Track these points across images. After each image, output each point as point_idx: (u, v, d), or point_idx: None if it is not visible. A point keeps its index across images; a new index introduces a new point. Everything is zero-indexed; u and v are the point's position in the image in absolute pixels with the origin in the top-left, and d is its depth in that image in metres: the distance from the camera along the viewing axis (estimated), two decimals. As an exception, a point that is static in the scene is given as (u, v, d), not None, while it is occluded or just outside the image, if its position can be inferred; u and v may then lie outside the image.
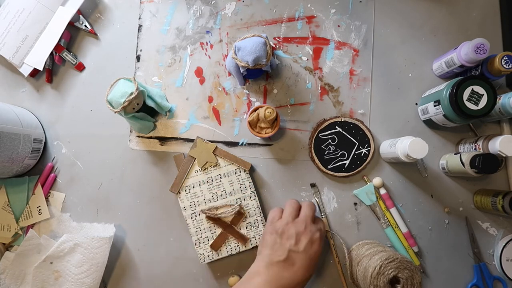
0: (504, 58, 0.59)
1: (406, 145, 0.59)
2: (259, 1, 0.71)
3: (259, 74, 0.70)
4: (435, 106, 0.63)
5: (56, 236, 0.68)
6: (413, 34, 0.70)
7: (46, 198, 0.69)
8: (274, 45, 0.71)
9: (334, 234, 0.68)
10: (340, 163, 0.68)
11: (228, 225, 0.67)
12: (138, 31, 0.72)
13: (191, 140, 0.70)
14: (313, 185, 0.69)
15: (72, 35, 0.72)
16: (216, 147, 0.68)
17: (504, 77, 0.68)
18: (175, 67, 0.71)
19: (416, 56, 0.70)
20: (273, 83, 0.71)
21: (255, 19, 0.71)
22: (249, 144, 0.70)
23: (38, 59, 0.69)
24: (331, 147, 0.69)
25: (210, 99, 0.71)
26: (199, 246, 0.67)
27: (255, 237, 0.67)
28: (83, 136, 0.71)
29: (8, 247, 0.69)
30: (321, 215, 0.68)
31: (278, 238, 0.59)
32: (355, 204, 0.69)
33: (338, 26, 0.71)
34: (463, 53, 0.61)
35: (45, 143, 0.71)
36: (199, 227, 0.67)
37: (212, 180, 0.68)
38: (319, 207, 0.69)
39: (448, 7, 0.71)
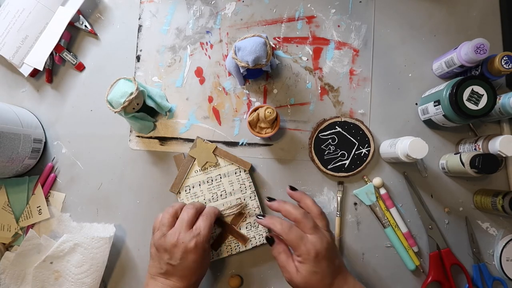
0: (504, 58, 0.59)
1: (406, 145, 0.59)
2: (259, 1, 0.71)
3: (259, 74, 0.70)
4: (435, 106, 0.63)
5: (56, 236, 0.68)
6: (413, 34, 0.70)
7: (46, 198, 0.69)
8: (274, 45, 0.71)
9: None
10: (340, 163, 0.68)
11: (228, 225, 0.67)
12: (138, 31, 0.72)
13: (191, 140, 0.70)
14: (340, 183, 0.69)
15: (72, 35, 0.72)
16: (216, 147, 0.68)
17: (504, 77, 0.68)
18: (175, 67, 0.71)
19: (416, 56, 0.70)
20: (273, 83, 0.71)
21: (255, 19, 0.71)
22: (249, 144, 0.70)
23: (38, 59, 0.69)
24: (331, 147, 0.69)
25: (210, 99, 0.71)
26: (199, 246, 0.67)
27: (255, 237, 0.67)
28: (83, 136, 0.71)
29: (8, 247, 0.69)
30: (337, 214, 0.68)
31: (156, 251, 0.59)
32: (355, 204, 0.69)
33: (338, 26, 0.71)
34: (463, 53, 0.61)
35: (45, 143, 0.71)
36: (199, 227, 0.67)
37: (212, 180, 0.68)
38: (339, 205, 0.68)
39: (448, 7, 0.71)
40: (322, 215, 0.60)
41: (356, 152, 0.68)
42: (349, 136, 0.69)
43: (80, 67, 0.71)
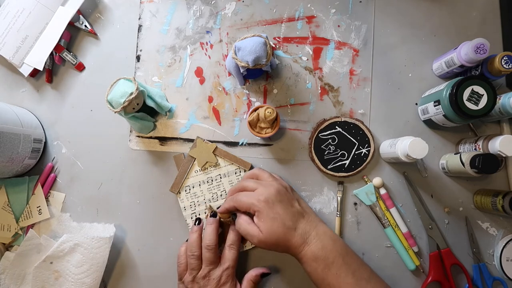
0: (504, 58, 0.59)
1: (406, 145, 0.59)
2: (259, 1, 0.71)
3: (259, 74, 0.70)
4: (435, 106, 0.63)
5: (56, 236, 0.68)
6: (413, 34, 0.70)
7: (46, 198, 0.69)
8: (274, 45, 0.71)
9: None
10: (340, 163, 0.68)
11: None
12: (138, 31, 0.72)
13: (191, 140, 0.70)
14: (340, 183, 0.69)
15: (72, 35, 0.72)
16: (216, 147, 0.68)
17: (504, 77, 0.68)
18: (175, 67, 0.71)
19: (416, 56, 0.70)
20: (273, 83, 0.71)
21: (255, 19, 0.71)
22: (249, 144, 0.70)
23: (38, 59, 0.69)
24: (331, 147, 0.69)
25: (210, 99, 0.71)
26: (199, 246, 0.67)
27: None
28: (83, 136, 0.71)
29: (8, 247, 0.69)
30: (337, 214, 0.68)
31: None
32: (355, 204, 0.69)
33: (338, 26, 0.71)
34: (463, 53, 0.61)
35: (45, 143, 0.71)
36: (199, 227, 0.67)
37: (212, 180, 0.68)
38: (339, 205, 0.68)
39: (448, 7, 0.71)
40: (260, 170, 0.64)
41: (356, 152, 0.68)
42: (349, 136, 0.69)
43: (80, 67, 0.71)
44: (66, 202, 0.70)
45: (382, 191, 0.68)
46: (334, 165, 0.68)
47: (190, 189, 0.68)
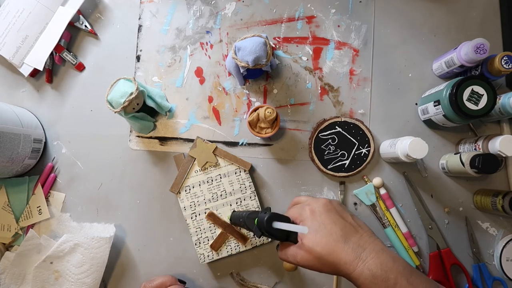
0: (504, 58, 0.59)
1: (406, 145, 0.59)
2: (259, 1, 0.71)
3: (259, 74, 0.70)
4: (435, 106, 0.63)
5: (56, 236, 0.68)
6: (413, 34, 0.70)
7: (46, 198, 0.69)
8: (274, 45, 0.71)
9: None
10: (340, 163, 0.68)
11: (228, 225, 0.67)
12: (138, 31, 0.72)
13: (191, 140, 0.70)
14: (342, 183, 0.69)
15: (72, 35, 0.72)
16: (216, 147, 0.68)
17: (504, 77, 0.68)
18: (175, 67, 0.71)
19: (416, 56, 0.70)
20: (273, 83, 0.71)
21: (255, 19, 0.71)
22: (249, 144, 0.70)
23: (38, 59, 0.69)
24: (331, 147, 0.69)
25: (210, 99, 0.71)
26: (199, 246, 0.67)
27: (255, 237, 0.67)
28: (83, 136, 0.71)
29: (8, 247, 0.69)
30: None
31: None
32: (355, 204, 0.69)
33: (338, 26, 0.71)
34: (463, 53, 0.61)
35: (45, 143, 0.71)
36: (199, 227, 0.67)
37: (212, 180, 0.68)
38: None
39: (448, 7, 0.71)
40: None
41: (356, 152, 0.68)
42: (349, 136, 0.69)
43: (80, 67, 0.71)
44: (66, 202, 0.70)
45: (382, 191, 0.68)
46: (334, 165, 0.68)
47: (190, 189, 0.68)
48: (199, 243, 0.67)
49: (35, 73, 0.71)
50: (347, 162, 0.68)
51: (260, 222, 0.51)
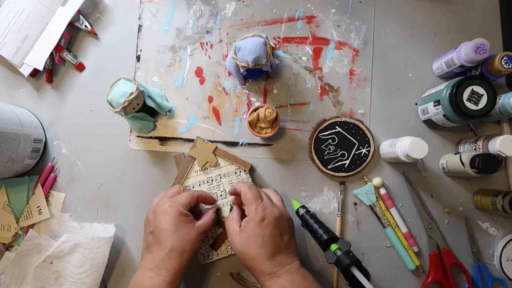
0: (504, 58, 0.60)
1: (406, 145, 0.59)
2: (259, 1, 0.71)
3: (259, 74, 0.70)
4: (435, 106, 0.63)
5: (56, 236, 0.68)
6: (413, 34, 0.70)
7: (46, 198, 0.69)
8: (274, 45, 0.71)
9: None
10: (340, 163, 0.68)
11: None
12: (138, 31, 0.72)
13: (191, 140, 0.70)
14: (342, 183, 0.69)
15: (72, 35, 0.72)
16: (216, 147, 0.68)
17: (504, 77, 0.68)
18: (175, 67, 0.71)
19: (416, 56, 0.70)
20: (273, 83, 0.71)
21: (255, 19, 0.71)
22: (249, 144, 0.70)
23: (38, 59, 0.69)
24: (331, 147, 0.69)
25: (210, 99, 0.71)
26: (199, 246, 0.67)
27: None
28: (83, 136, 0.71)
29: (8, 247, 0.69)
30: (338, 215, 0.68)
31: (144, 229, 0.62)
32: (355, 204, 0.69)
33: (338, 26, 0.71)
34: (463, 53, 0.61)
35: (45, 143, 0.71)
36: (199, 227, 0.67)
37: (212, 180, 0.68)
38: (340, 206, 0.68)
39: (448, 7, 0.71)
40: (275, 191, 0.63)
41: (356, 152, 0.68)
42: (349, 136, 0.69)
43: (80, 67, 0.71)
44: (66, 202, 0.70)
45: (382, 191, 0.68)
46: (334, 165, 0.68)
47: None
48: (199, 243, 0.67)
49: (35, 73, 0.71)
50: (347, 162, 0.68)
51: (342, 261, 0.57)
